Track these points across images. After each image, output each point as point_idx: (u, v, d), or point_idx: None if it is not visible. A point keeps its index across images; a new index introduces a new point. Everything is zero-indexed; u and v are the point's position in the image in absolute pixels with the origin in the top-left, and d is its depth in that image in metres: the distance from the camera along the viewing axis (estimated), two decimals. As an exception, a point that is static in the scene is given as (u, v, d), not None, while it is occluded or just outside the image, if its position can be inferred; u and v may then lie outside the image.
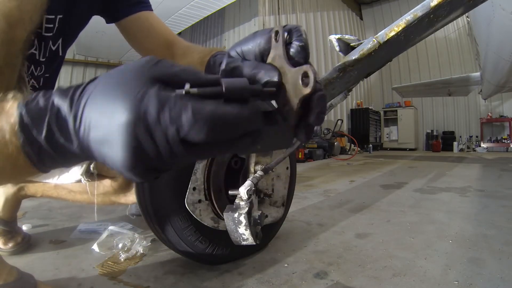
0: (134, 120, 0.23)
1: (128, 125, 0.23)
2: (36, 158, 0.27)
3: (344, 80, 0.59)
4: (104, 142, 0.24)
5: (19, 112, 0.26)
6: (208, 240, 0.83)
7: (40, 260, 0.91)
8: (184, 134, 0.23)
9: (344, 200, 1.79)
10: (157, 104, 0.23)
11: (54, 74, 0.79)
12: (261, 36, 0.36)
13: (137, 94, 0.23)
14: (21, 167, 0.27)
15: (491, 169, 3.46)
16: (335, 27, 8.31)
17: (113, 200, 0.96)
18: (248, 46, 0.36)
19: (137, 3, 0.80)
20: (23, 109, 0.26)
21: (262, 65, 0.33)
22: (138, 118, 0.23)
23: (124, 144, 0.23)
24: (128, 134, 0.23)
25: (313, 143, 5.67)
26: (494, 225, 1.24)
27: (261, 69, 0.33)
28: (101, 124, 0.24)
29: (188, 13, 4.61)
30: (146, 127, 0.23)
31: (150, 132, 0.23)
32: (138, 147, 0.23)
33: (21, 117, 0.25)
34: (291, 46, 0.33)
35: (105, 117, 0.24)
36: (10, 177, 0.30)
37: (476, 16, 3.99)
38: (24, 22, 0.46)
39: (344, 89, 0.67)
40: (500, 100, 7.91)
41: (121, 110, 0.23)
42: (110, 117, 0.23)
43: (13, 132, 0.26)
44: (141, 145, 0.23)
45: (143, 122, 0.23)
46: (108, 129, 0.24)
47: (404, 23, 0.48)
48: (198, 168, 0.80)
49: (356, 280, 0.79)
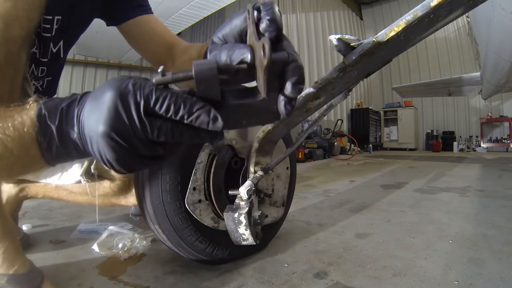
0: (114, 93, 0.30)
1: (109, 98, 0.30)
2: (46, 146, 0.33)
3: (344, 80, 0.59)
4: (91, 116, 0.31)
5: (39, 107, 0.33)
6: (208, 240, 0.83)
7: (40, 260, 0.91)
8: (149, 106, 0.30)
9: (344, 200, 1.79)
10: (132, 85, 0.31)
11: (56, 77, 0.79)
12: (236, 18, 0.37)
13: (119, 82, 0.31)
14: (32, 158, 0.33)
15: (491, 169, 3.46)
16: (335, 27, 8.31)
17: (113, 202, 0.96)
18: (226, 30, 0.38)
19: (137, 6, 0.80)
20: (42, 104, 0.33)
21: (236, 46, 0.35)
22: (117, 93, 0.30)
23: (105, 111, 0.30)
24: (109, 104, 0.30)
25: (313, 143, 5.67)
26: (494, 225, 1.24)
27: (235, 49, 0.34)
28: (92, 104, 0.31)
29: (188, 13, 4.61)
30: (122, 99, 0.30)
31: (124, 103, 0.30)
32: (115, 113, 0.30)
33: (40, 109, 0.33)
34: (260, 21, 0.33)
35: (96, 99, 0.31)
36: (22, 167, 0.35)
37: (476, 16, 3.98)
38: (20, 21, 0.47)
39: (344, 89, 0.67)
40: (500, 100, 7.91)
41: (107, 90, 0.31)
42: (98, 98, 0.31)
43: (32, 123, 0.32)
44: (117, 112, 0.30)
45: (120, 96, 0.30)
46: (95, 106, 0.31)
47: (404, 23, 0.48)
48: (198, 168, 0.80)
49: (356, 280, 0.79)
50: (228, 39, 0.38)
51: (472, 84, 6.27)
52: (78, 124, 0.32)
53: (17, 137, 0.32)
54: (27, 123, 0.32)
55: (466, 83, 6.40)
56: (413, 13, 0.48)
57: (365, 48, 0.51)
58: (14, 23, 0.46)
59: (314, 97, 0.62)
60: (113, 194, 0.93)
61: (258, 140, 0.82)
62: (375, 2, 9.88)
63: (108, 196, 0.94)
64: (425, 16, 0.47)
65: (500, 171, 3.21)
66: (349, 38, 0.53)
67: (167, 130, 0.31)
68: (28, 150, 0.32)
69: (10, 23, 0.45)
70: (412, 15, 0.48)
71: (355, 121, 8.41)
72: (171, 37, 0.84)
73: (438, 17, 0.50)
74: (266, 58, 0.29)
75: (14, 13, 0.46)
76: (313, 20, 7.45)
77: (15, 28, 0.46)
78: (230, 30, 0.37)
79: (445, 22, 0.54)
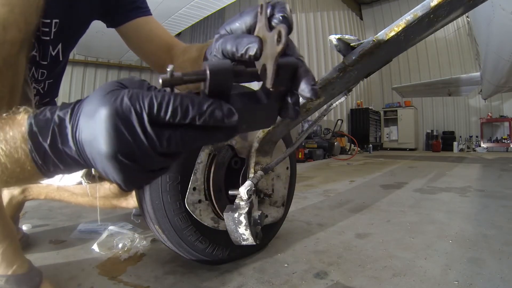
0: (110, 113, 0.27)
1: (106, 118, 0.27)
2: (41, 162, 0.30)
3: (344, 80, 0.59)
4: (91, 138, 0.28)
5: (29, 122, 0.30)
6: (208, 240, 0.83)
7: (40, 260, 0.91)
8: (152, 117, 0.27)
9: (344, 200, 1.79)
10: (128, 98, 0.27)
11: (57, 79, 0.79)
12: (247, 14, 0.38)
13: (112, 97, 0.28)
14: (28, 171, 0.31)
15: (491, 169, 3.46)
16: (335, 27, 8.31)
17: (114, 203, 0.96)
18: (236, 24, 0.38)
19: (135, 8, 0.80)
20: (32, 119, 0.30)
21: (245, 35, 0.35)
22: (113, 111, 0.27)
23: (105, 133, 0.27)
24: (108, 125, 0.27)
25: (313, 143, 5.67)
26: (494, 225, 1.24)
27: (243, 38, 0.34)
28: (88, 125, 0.28)
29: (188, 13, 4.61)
30: (121, 117, 0.27)
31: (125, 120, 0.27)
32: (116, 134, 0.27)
33: (31, 126, 0.30)
34: (273, 17, 0.34)
35: (91, 119, 0.28)
36: (18, 180, 0.33)
37: (476, 16, 3.98)
38: (18, 24, 0.47)
39: (344, 89, 0.67)
40: (500, 100, 7.91)
41: (101, 109, 0.27)
42: (93, 117, 0.28)
43: (23, 139, 0.30)
44: (119, 132, 0.27)
45: (118, 114, 0.27)
46: (93, 127, 0.28)
47: (404, 23, 0.48)
48: (198, 168, 0.80)
49: (356, 280, 0.79)
50: (236, 32, 0.38)
51: (472, 84, 6.27)
52: (75, 142, 0.30)
53: (10, 153, 0.30)
54: (19, 139, 0.30)
55: (466, 83, 6.40)
56: (413, 13, 0.48)
57: (365, 48, 0.51)
58: (11, 27, 0.46)
59: (314, 97, 0.62)
60: (113, 196, 0.94)
61: (258, 140, 0.82)
62: (375, 2, 9.88)
63: (109, 198, 0.94)
64: (425, 16, 0.47)
65: (500, 171, 3.21)
66: (349, 38, 0.53)
67: (177, 139, 0.28)
68: (23, 165, 0.31)
69: (8, 26, 0.45)
70: (412, 15, 0.48)
71: (355, 121, 8.41)
72: (169, 38, 0.84)
73: (438, 17, 0.50)
74: (282, 43, 0.28)
75: (12, 16, 0.46)
76: (313, 20, 7.45)
77: (12, 31, 0.46)
78: (240, 25, 0.38)
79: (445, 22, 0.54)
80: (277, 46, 0.29)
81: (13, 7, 0.46)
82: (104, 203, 0.96)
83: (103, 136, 0.27)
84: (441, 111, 8.97)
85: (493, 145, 7.81)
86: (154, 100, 0.27)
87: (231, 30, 0.38)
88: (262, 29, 0.34)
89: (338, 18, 8.56)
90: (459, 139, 8.40)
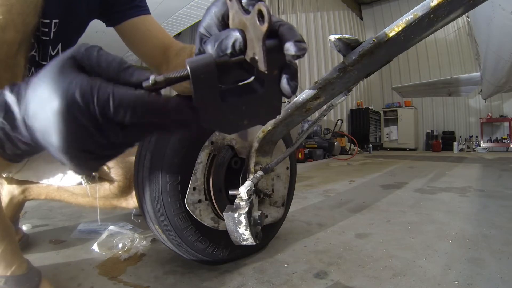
0: (62, 108, 0.25)
1: (58, 113, 0.25)
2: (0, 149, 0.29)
3: (344, 80, 0.59)
4: (43, 131, 0.27)
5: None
6: (208, 240, 0.83)
7: (40, 260, 0.91)
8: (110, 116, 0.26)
9: (344, 200, 1.79)
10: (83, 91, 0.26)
11: None
12: (214, 5, 0.35)
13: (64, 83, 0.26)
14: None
15: (491, 169, 3.46)
16: (335, 27, 8.31)
17: (114, 204, 0.97)
18: (207, 20, 0.36)
19: (134, 7, 0.80)
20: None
21: (221, 33, 0.32)
22: (65, 106, 0.25)
23: (57, 128, 0.26)
24: (59, 119, 0.25)
25: (313, 143, 5.67)
26: (494, 225, 1.24)
27: (221, 37, 0.31)
28: (40, 115, 0.26)
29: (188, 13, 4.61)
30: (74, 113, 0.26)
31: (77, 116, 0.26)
32: (68, 130, 0.26)
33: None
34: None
35: (42, 109, 0.26)
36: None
37: (476, 16, 3.98)
38: (16, 25, 0.47)
39: (344, 89, 0.67)
40: (500, 100, 7.91)
41: (53, 100, 0.25)
42: (45, 109, 0.26)
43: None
44: (71, 128, 0.26)
45: (69, 110, 0.25)
46: (45, 118, 0.26)
47: (404, 23, 0.48)
48: (198, 168, 0.80)
49: (356, 280, 0.79)
50: (211, 30, 0.36)
51: (472, 84, 6.27)
52: (27, 130, 0.28)
53: None
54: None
55: (466, 83, 6.40)
56: (413, 13, 0.48)
57: (365, 48, 0.51)
58: (9, 27, 0.46)
59: (314, 97, 0.62)
60: (113, 196, 0.94)
61: (258, 140, 0.82)
62: (375, 2, 9.88)
63: (109, 198, 0.94)
64: (425, 16, 0.47)
65: (500, 171, 3.21)
66: (349, 38, 0.53)
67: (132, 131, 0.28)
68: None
69: (5, 27, 0.45)
70: (412, 15, 0.48)
71: (355, 121, 8.42)
72: (166, 39, 0.83)
73: (438, 17, 0.50)
74: (266, 20, 0.26)
75: (10, 17, 0.46)
76: (313, 20, 7.45)
77: (10, 32, 0.46)
78: (211, 20, 0.35)
79: (445, 22, 0.54)
80: (262, 26, 0.27)
81: (10, 7, 0.46)
82: (104, 203, 0.96)
83: (55, 131, 0.26)
84: (441, 111, 8.98)
85: (493, 145, 7.82)
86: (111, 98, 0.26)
87: (205, 29, 0.36)
88: (237, 14, 0.31)
89: (338, 18, 8.56)
90: (459, 139, 8.40)
